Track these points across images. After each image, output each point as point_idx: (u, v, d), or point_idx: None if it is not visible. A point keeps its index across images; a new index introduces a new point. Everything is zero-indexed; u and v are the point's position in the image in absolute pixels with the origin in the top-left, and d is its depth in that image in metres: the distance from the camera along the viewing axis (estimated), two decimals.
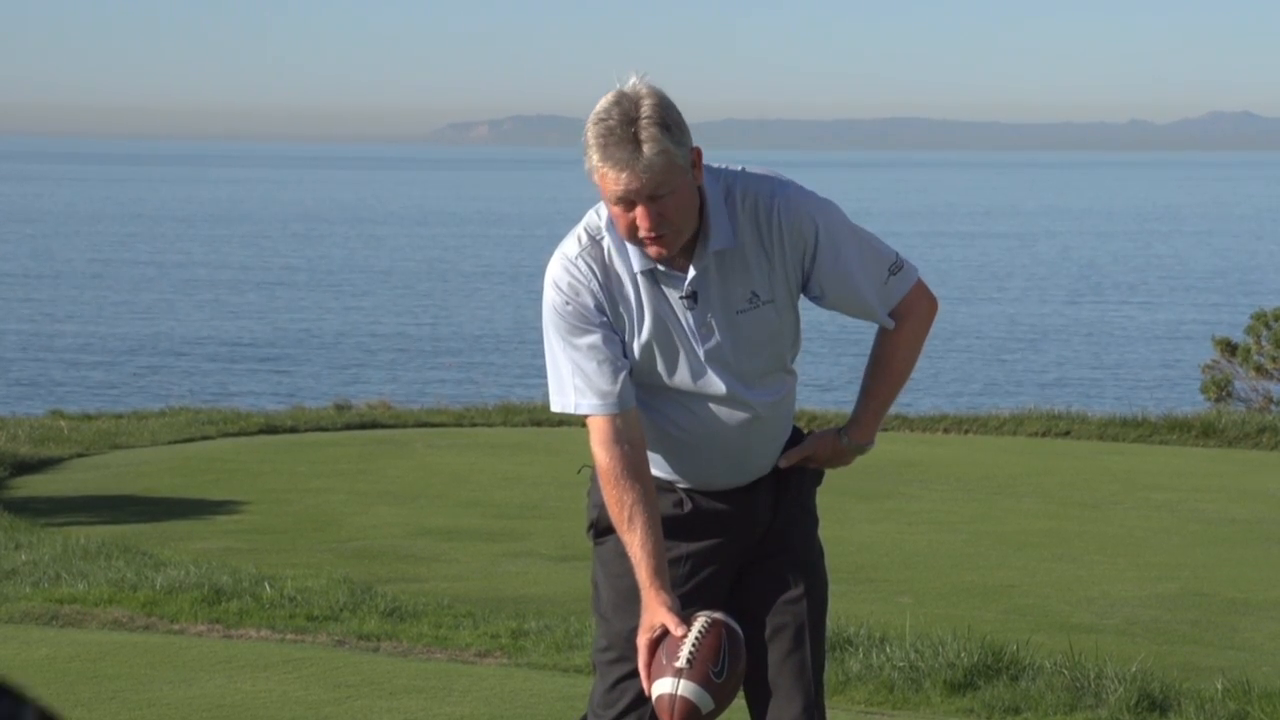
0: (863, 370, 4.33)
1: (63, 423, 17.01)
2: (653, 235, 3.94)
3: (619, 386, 4.04)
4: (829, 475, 4.37)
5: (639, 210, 3.91)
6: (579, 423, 4.12)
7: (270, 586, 8.98)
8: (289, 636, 8.21)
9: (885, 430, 16.02)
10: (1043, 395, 30.94)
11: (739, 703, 4.08)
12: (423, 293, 55.11)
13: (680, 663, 3.92)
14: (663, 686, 3.94)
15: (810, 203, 4.06)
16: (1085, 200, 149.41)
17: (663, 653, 3.96)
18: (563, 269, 4.06)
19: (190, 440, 15.96)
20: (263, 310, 48.71)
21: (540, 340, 4.15)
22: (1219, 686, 7.23)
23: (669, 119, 3.89)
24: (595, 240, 4.06)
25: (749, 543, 4.21)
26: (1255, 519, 12.47)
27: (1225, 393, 20.79)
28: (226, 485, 13.35)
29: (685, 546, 4.16)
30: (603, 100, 3.91)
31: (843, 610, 8.12)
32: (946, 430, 17.04)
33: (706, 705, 3.92)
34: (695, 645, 3.93)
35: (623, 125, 3.86)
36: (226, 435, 16.29)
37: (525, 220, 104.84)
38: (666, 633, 3.97)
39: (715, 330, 4.06)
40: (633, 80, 3.92)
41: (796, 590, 4.17)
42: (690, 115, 3.94)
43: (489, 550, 10.95)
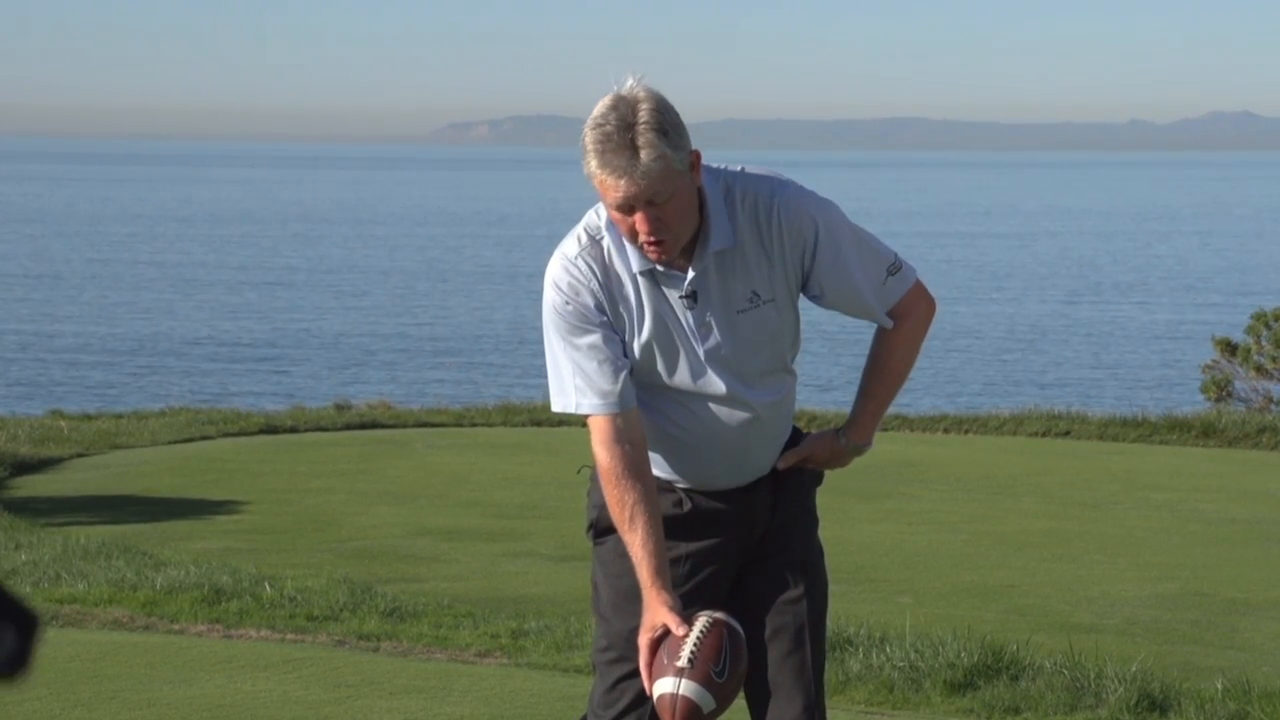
0: (861, 371, 4.33)
1: (63, 423, 17.02)
2: (652, 240, 3.94)
3: (620, 386, 4.04)
4: (829, 475, 4.38)
5: (638, 216, 3.91)
6: (579, 422, 4.12)
7: (270, 586, 8.98)
8: (289, 636, 8.21)
9: (885, 430, 16.02)
10: (1043, 395, 30.93)
11: (739, 703, 4.08)
12: (423, 293, 55.09)
13: (682, 662, 3.92)
14: (664, 686, 3.94)
15: (810, 202, 4.06)
16: (1085, 200, 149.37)
17: (664, 652, 3.96)
18: (562, 269, 4.05)
19: (190, 440, 15.96)
20: (263, 310, 48.69)
21: (540, 340, 4.14)
22: (1219, 686, 7.23)
23: (666, 123, 3.88)
24: (595, 240, 4.06)
25: (749, 543, 4.21)
26: (1255, 519, 12.47)
27: (1225, 393, 20.78)
28: (226, 485, 13.35)
29: (685, 546, 4.16)
30: (600, 104, 3.90)
31: (843, 610, 8.12)
32: (946, 430, 17.04)
33: (708, 705, 3.92)
34: (697, 645, 3.93)
35: (620, 131, 3.86)
36: (226, 435, 16.29)
37: (525, 220, 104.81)
38: (668, 632, 3.97)
39: (715, 330, 4.06)
40: (630, 83, 3.91)
41: (796, 590, 4.17)
42: (690, 115, 3.93)
43: (489, 550, 10.95)
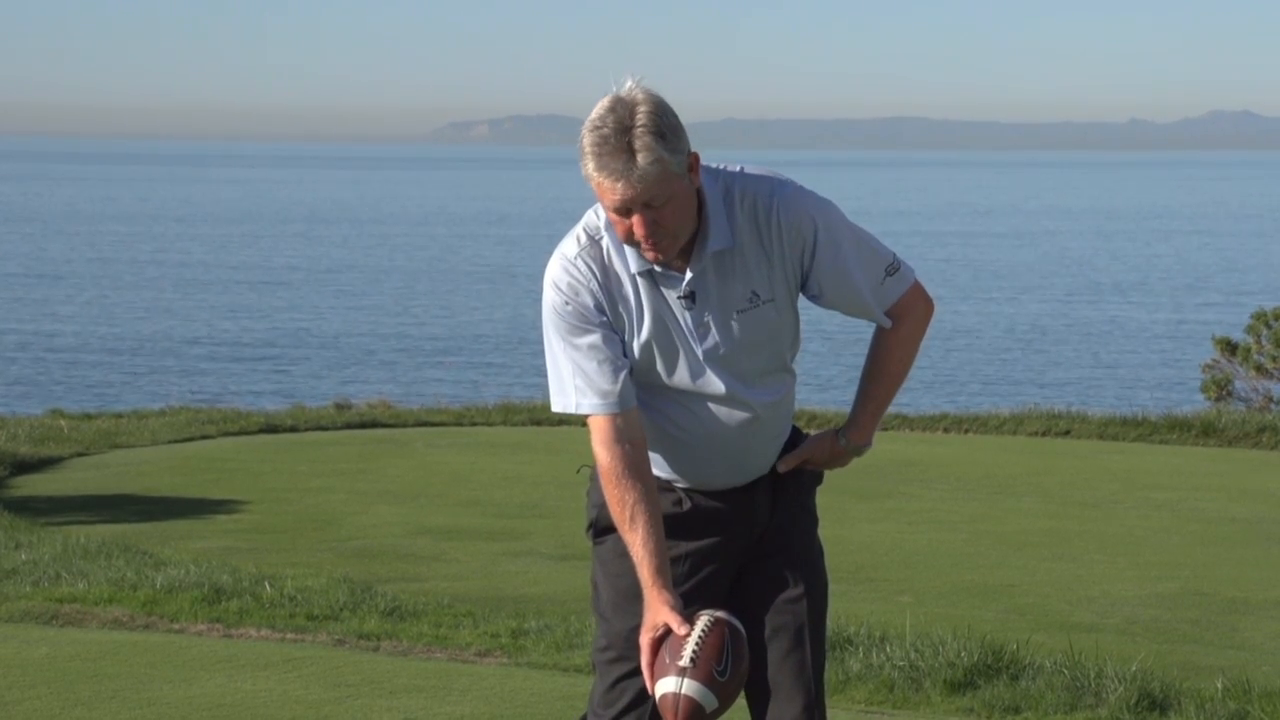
0: (860, 371, 4.33)
1: (63, 422, 17.02)
2: (649, 242, 3.94)
3: (619, 386, 4.04)
4: (829, 474, 4.38)
5: (635, 218, 3.91)
6: (579, 422, 4.12)
7: (270, 586, 8.98)
8: (289, 636, 8.21)
9: (885, 429, 16.03)
10: (1043, 395, 30.94)
11: (740, 702, 4.08)
12: (423, 292, 55.08)
13: (684, 661, 3.92)
14: (666, 685, 3.94)
15: (809, 201, 4.06)
16: (1085, 200, 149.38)
17: (666, 652, 3.96)
18: (562, 269, 4.05)
19: (190, 440, 15.97)
20: (263, 309, 48.69)
21: (540, 340, 4.14)
22: (1219, 686, 7.23)
23: (664, 126, 3.87)
24: (594, 240, 4.06)
25: (748, 542, 4.21)
26: (1255, 518, 12.47)
27: (1225, 392, 20.79)
28: (226, 485, 13.35)
29: (685, 545, 4.16)
30: (598, 106, 3.90)
31: (843, 610, 8.12)
32: (946, 430, 17.05)
33: (710, 704, 3.92)
34: (699, 644, 3.93)
35: (617, 134, 3.85)
36: (226, 435, 16.30)
37: (525, 220, 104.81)
38: (669, 632, 3.97)
39: (713, 330, 4.06)
40: (629, 84, 3.91)
41: (796, 590, 4.17)
42: (690, 115, 3.92)
43: (489, 550, 10.95)
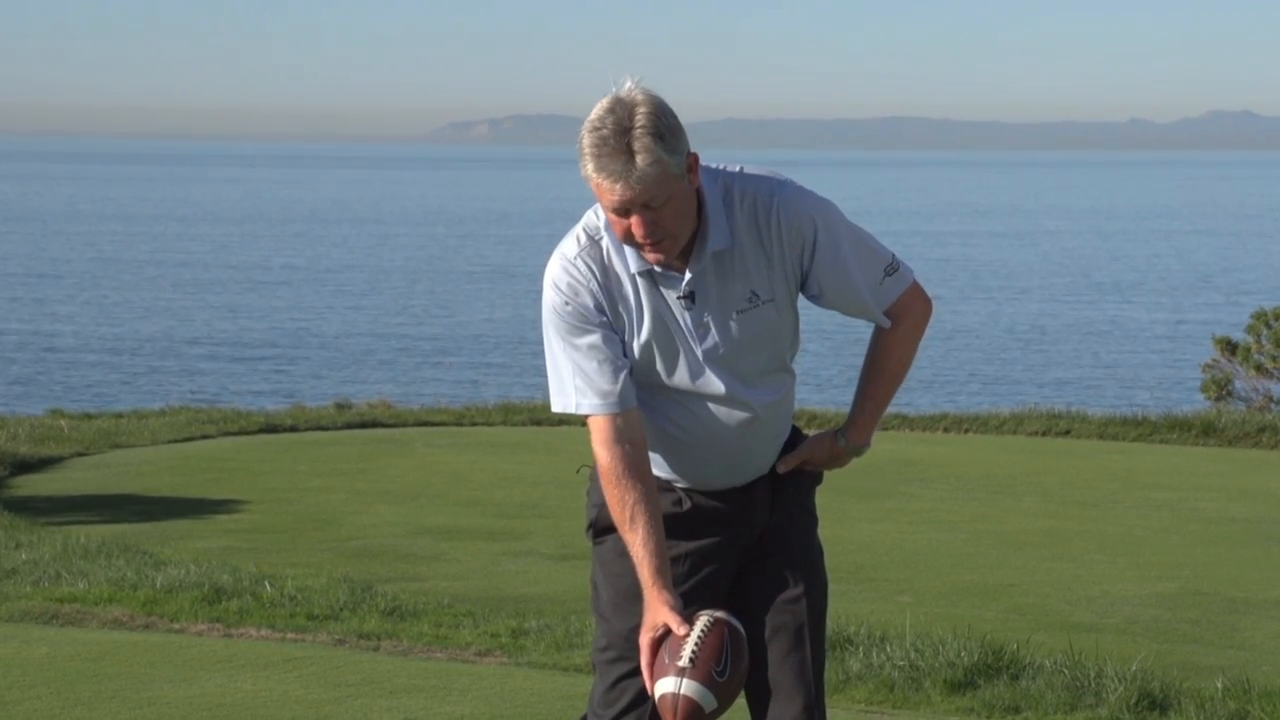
0: (859, 371, 4.33)
1: (63, 422, 17.02)
2: (649, 243, 3.94)
3: (619, 386, 4.04)
4: (828, 474, 4.38)
5: (634, 219, 3.91)
6: (579, 422, 4.12)
7: (270, 585, 8.98)
8: (289, 636, 8.21)
9: (885, 429, 16.03)
10: (1042, 394, 30.95)
11: (740, 702, 4.08)
12: (423, 292, 55.08)
13: (683, 662, 3.92)
14: (666, 686, 3.93)
15: (809, 201, 4.06)
16: (1085, 199, 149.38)
17: (665, 652, 3.96)
18: (562, 269, 4.05)
19: (190, 439, 15.97)
20: (263, 309, 48.69)
21: (540, 340, 4.14)
22: (1219, 685, 7.23)
23: (663, 127, 3.87)
24: (594, 240, 4.06)
25: (748, 542, 4.21)
26: (1255, 518, 12.47)
27: (1225, 392, 20.79)
28: (227, 484, 13.35)
29: (684, 545, 4.16)
30: (597, 107, 3.90)
31: (843, 609, 8.12)
32: (946, 429, 17.05)
33: (710, 704, 3.92)
34: (698, 644, 3.93)
35: (616, 135, 3.85)
36: (227, 434, 16.30)
37: (525, 220, 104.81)
38: (669, 632, 3.97)
39: (712, 330, 4.06)
40: (628, 85, 3.91)
41: (796, 590, 4.17)
42: (690, 115, 3.93)
43: (489, 549, 10.96)
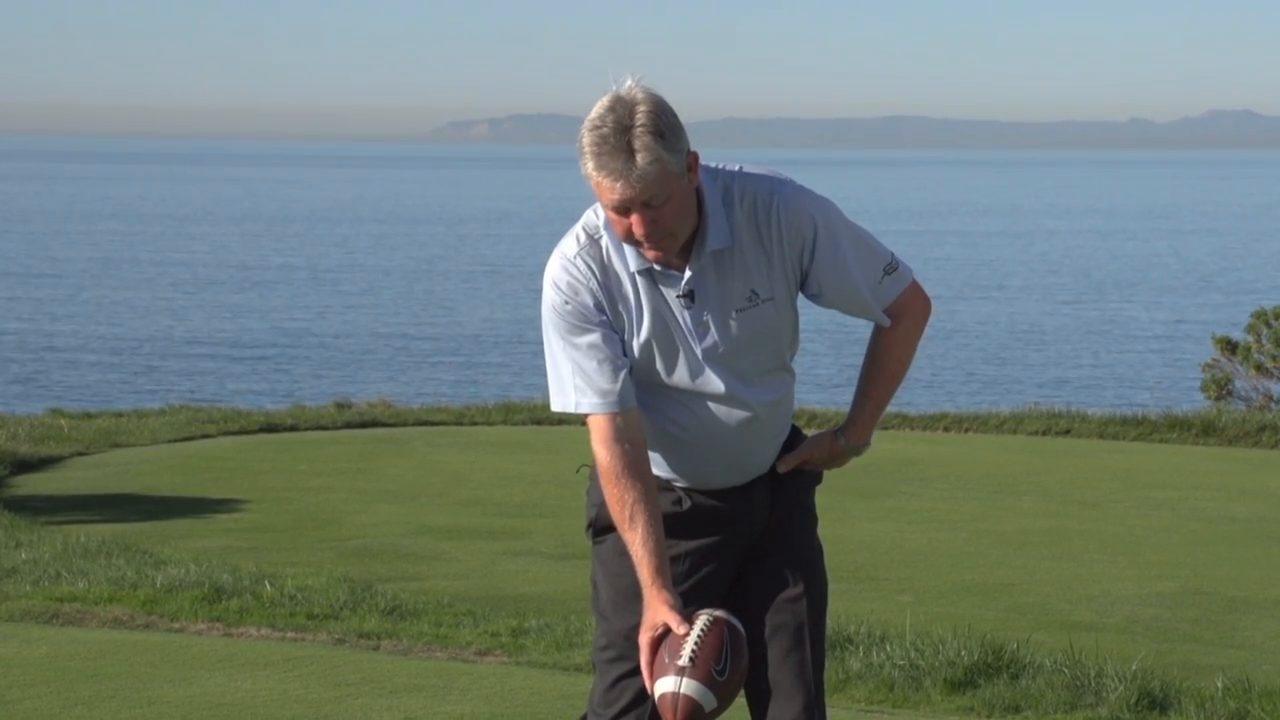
0: (859, 371, 4.33)
1: (63, 421, 17.02)
2: (648, 242, 3.94)
3: (619, 385, 4.04)
4: (828, 474, 4.37)
5: (634, 217, 3.91)
6: (579, 421, 4.12)
7: (270, 585, 8.98)
8: (289, 635, 8.21)
9: (885, 429, 16.03)
10: (1042, 394, 30.95)
11: (740, 701, 4.08)
12: (423, 291, 55.09)
13: (683, 661, 3.92)
14: (666, 685, 3.93)
15: (808, 200, 4.06)
16: (1085, 199, 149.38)
17: (665, 651, 3.95)
18: (562, 268, 4.05)
19: (190, 439, 15.97)
20: (263, 309, 48.68)
21: (540, 339, 4.14)
22: (1219, 685, 7.23)
23: (664, 125, 3.87)
24: (594, 239, 4.05)
25: (747, 541, 4.20)
26: (1255, 517, 12.47)
27: (1225, 391, 20.79)
28: (227, 484, 13.35)
29: (684, 544, 4.16)
30: (597, 106, 3.89)
31: (843, 609, 8.12)
32: (946, 429, 17.05)
33: (710, 703, 3.92)
34: (698, 643, 3.93)
35: (616, 134, 3.85)
36: (227, 434, 16.30)
37: (525, 219, 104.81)
38: (669, 631, 3.97)
39: (712, 329, 4.06)
40: (629, 83, 3.91)
41: (796, 589, 4.17)
42: (690, 115, 3.92)
43: (489, 549, 10.95)
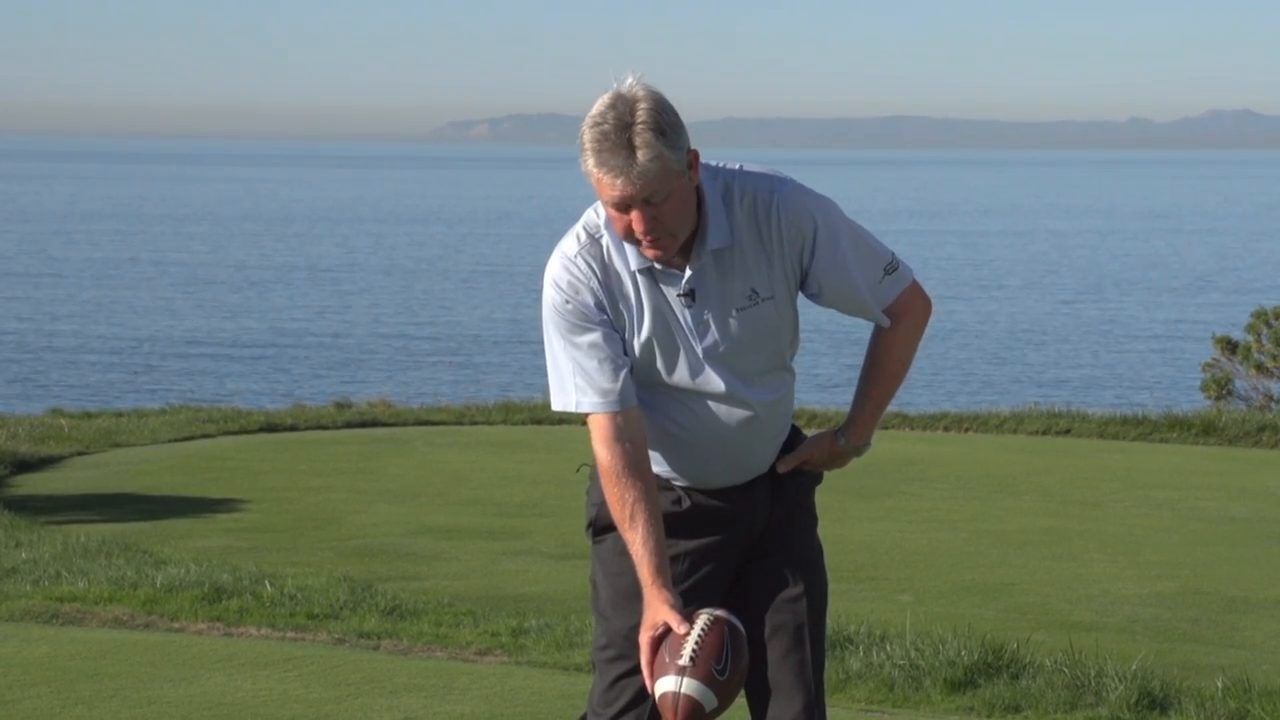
0: (859, 371, 4.32)
1: (63, 421, 17.02)
2: (649, 239, 3.94)
3: (620, 384, 4.04)
4: (829, 474, 4.37)
5: (634, 215, 3.91)
6: (579, 421, 4.12)
7: (270, 585, 8.98)
8: (289, 635, 8.21)
9: (885, 428, 16.03)
10: (1042, 393, 30.95)
11: (740, 701, 4.08)
12: (423, 291, 55.08)
13: (683, 660, 3.92)
14: (666, 684, 3.93)
15: (809, 199, 4.06)
16: (1085, 198, 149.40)
17: (665, 651, 3.95)
18: (562, 267, 4.05)
19: (190, 438, 15.97)
20: (263, 308, 48.68)
21: (540, 338, 4.14)
22: (1219, 685, 7.23)
23: (664, 123, 3.87)
24: (594, 238, 4.05)
25: (747, 541, 4.20)
26: (1255, 517, 12.47)
27: (1225, 391, 20.80)
28: (227, 483, 13.35)
29: (684, 544, 4.16)
30: (598, 103, 3.89)
31: (843, 609, 8.12)
32: (946, 428, 17.05)
33: (710, 703, 3.92)
34: (698, 643, 3.93)
35: (617, 130, 3.85)
36: (227, 433, 16.30)
37: (525, 219, 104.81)
38: (669, 630, 3.97)
39: (712, 328, 4.06)
40: (629, 81, 3.90)
41: (796, 589, 4.17)
42: (690, 114, 3.92)
43: (489, 548, 10.95)
